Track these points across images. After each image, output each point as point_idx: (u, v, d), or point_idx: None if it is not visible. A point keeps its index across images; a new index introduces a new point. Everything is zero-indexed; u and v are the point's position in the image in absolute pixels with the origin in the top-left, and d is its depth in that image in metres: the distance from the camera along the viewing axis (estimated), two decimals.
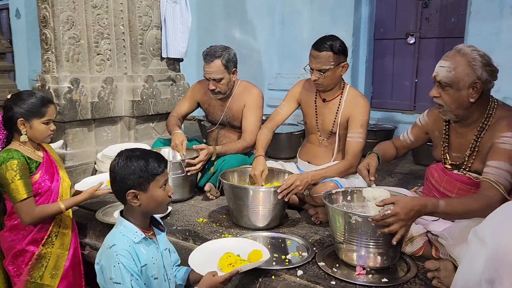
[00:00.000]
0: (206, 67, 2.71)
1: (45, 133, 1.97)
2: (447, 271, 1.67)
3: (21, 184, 1.87)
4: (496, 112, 1.80)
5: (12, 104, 1.91)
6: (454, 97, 1.76)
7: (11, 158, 1.87)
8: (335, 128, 2.50)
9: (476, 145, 1.83)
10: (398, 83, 5.06)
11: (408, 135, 2.24)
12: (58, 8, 2.75)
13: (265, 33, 5.60)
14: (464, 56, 1.73)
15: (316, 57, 2.37)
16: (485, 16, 4.04)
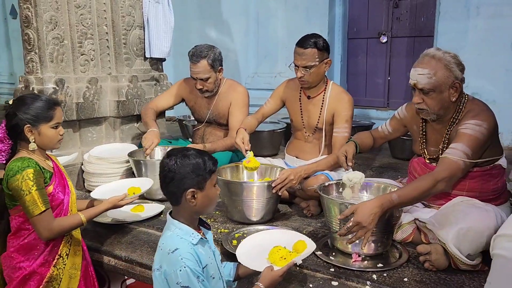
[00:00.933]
0: (193, 67, 2.75)
1: (54, 138, 1.83)
2: (438, 254, 1.79)
3: (38, 195, 1.71)
4: (466, 106, 1.94)
5: (16, 110, 1.76)
6: (437, 100, 1.88)
7: (27, 167, 1.71)
8: (320, 124, 2.59)
9: (446, 138, 1.97)
10: (372, 81, 5.23)
11: (386, 126, 2.35)
12: (41, 8, 2.72)
13: (241, 33, 5.66)
14: (440, 60, 1.85)
15: (301, 54, 2.44)
16: (453, 15, 4.24)
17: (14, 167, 1.72)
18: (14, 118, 1.75)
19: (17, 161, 1.74)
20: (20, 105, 1.77)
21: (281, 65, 5.41)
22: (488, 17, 4.09)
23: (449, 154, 1.82)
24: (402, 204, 1.78)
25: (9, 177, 1.71)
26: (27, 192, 1.69)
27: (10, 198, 1.78)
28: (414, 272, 1.79)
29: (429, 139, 2.09)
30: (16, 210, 1.80)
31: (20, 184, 1.69)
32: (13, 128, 1.77)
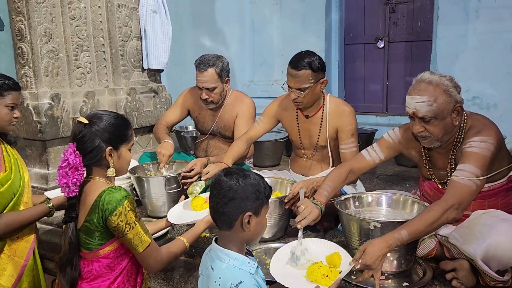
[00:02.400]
0: (200, 75, 2.65)
1: (129, 162, 1.64)
2: (464, 270, 1.71)
3: (141, 226, 1.50)
4: (467, 123, 1.84)
5: (95, 129, 1.49)
6: (440, 127, 1.78)
7: (124, 197, 1.47)
8: (321, 142, 2.46)
9: (453, 159, 1.87)
10: (370, 86, 5.19)
11: (377, 153, 2.12)
12: (35, 20, 2.60)
13: (236, 41, 5.58)
14: (438, 85, 1.73)
15: (295, 76, 2.25)
16: (451, 19, 4.22)
17: (111, 199, 1.45)
18: (94, 138, 1.49)
19: (112, 191, 1.47)
20: (98, 122, 1.51)
21: (278, 72, 5.34)
22: (488, 21, 4.06)
23: (456, 177, 1.71)
24: (412, 240, 1.67)
25: (109, 212, 1.44)
26: (133, 225, 1.47)
27: (92, 237, 1.50)
28: None
29: (435, 164, 1.98)
30: (102, 251, 1.52)
31: (124, 218, 1.45)
32: (93, 150, 1.50)
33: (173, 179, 2.48)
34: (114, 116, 1.57)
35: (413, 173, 3.45)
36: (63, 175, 1.44)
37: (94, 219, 1.47)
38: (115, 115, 1.57)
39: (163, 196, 2.49)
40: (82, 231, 1.51)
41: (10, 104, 1.78)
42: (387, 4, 4.88)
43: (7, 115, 1.78)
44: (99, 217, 1.46)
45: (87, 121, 1.50)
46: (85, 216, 1.49)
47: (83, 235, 1.51)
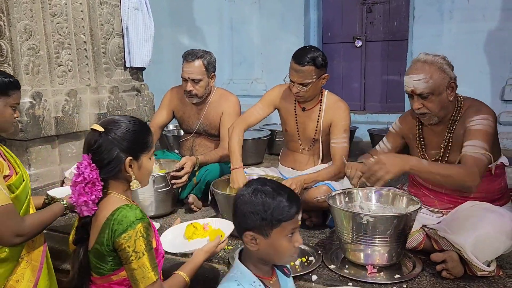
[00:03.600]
0: (186, 66, 2.63)
1: (150, 173, 1.47)
2: (454, 261, 1.77)
3: (149, 260, 1.29)
4: (464, 104, 1.97)
5: (112, 137, 1.31)
6: (437, 102, 1.90)
7: (139, 220, 1.28)
8: (317, 135, 2.52)
9: (450, 136, 1.98)
10: (348, 85, 5.27)
11: (385, 144, 2.28)
12: (15, 16, 2.53)
13: (215, 40, 5.56)
14: (432, 63, 1.86)
15: (298, 71, 2.30)
16: (427, 20, 4.34)
17: (123, 219, 1.27)
18: (112, 148, 1.31)
19: (124, 210, 1.29)
20: (115, 130, 1.33)
21: (257, 71, 5.36)
22: (461, 21, 4.21)
23: (470, 151, 1.80)
24: (427, 172, 1.74)
25: (118, 233, 1.26)
26: (140, 255, 1.27)
27: (104, 261, 1.32)
28: (432, 281, 1.76)
29: (428, 143, 2.08)
30: (115, 277, 1.35)
31: (133, 244, 1.26)
32: (110, 163, 1.32)
33: (162, 178, 2.46)
34: (132, 121, 1.38)
35: None
36: (80, 192, 1.28)
37: (104, 240, 1.29)
38: (134, 120, 1.39)
39: (151, 196, 2.47)
40: (93, 253, 1.33)
41: (14, 104, 1.70)
42: (364, 4, 4.98)
43: (11, 115, 1.70)
44: (108, 238, 1.28)
45: (102, 129, 1.31)
46: (95, 237, 1.32)
47: (94, 258, 1.33)
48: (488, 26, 4.11)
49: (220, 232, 1.76)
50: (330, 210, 2.00)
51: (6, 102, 1.66)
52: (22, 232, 1.52)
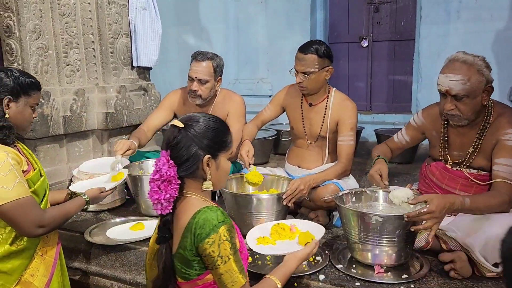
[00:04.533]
0: (196, 65, 2.63)
1: (228, 174, 1.43)
2: (462, 261, 1.77)
3: (236, 262, 1.26)
4: (494, 110, 1.93)
5: (191, 134, 1.28)
6: (471, 105, 1.85)
7: (222, 222, 1.25)
8: (323, 132, 2.53)
9: (479, 143, 1.94)
10: (354, 84, 5.26)
11: (403, 136, 2.31)
12: (24, 16, 2.54)
13: (220, 39, 5.57)
14: (472, 65, 1.81)
15: (301, 59, 2.38)
16: (434, 20, 4.33)
17: (205, 222, 1.24)
18: (190, 146, 1.28)
19: (205, 213, 1.26)
20: (195, 127, 1.30)
21: (263, 71, 5.36)
22: (468, 21, 4.19)
23: (503, 172, 1.81)
24: (468, 211, 1.76)
25: (201, 238, 1.23)
26: (226, 259, 1.23)
27: (189, 265, 1.29)
28: (440, 281, 1.76)
29: (453, 143, 2.06)
30: (201, 281, 1.31)
31: (218, 248, 1.22)
32: (188, 160, 1.29)
33: None
34: (212, 119, 1.35)
35: (399, 169, 3.54)
36: (154, 190, 1.26)
37: (188, 244, 1.26)
38: (214, 118, 1.37)
39: None
40: (177, 258, 1.30)
41: (34, 104, 1.73)
42: (370, 3, 4.97)
43: (31, 115, 1.73)
44: (192, 243, 1.25)
45: (182, 125, 1.29)
46: (178, 241, 1.29)
47: (178, 263, 1.30)
48: (496, 26, 4.09)
49: (309, 235, 1.70)
50: (337, 209, 2.00)
51: (27, 102, 1.69)
52: (43, 223, 1.56)
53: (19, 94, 1.65)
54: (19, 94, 1.65)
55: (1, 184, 1.46)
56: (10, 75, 1.64)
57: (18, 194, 1.49)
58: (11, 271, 1.57)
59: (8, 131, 1.60)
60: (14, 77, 1.64)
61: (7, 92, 1.62)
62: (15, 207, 1.48)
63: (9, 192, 1.47)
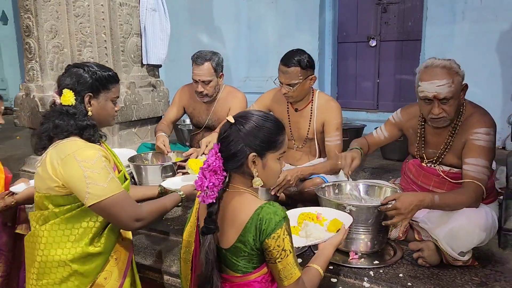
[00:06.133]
0: (196, 69, 2.83)
1: (277, 173, 1.41)
2: (430, 250, 1.90)
3: (293, 255, 1.30)
4: (466, 109, 2.03)
5: (239, 130, 1.31)
6: (455, 106, 1.95)
7: (284, 218, 1.28)
8: (310, 134, 2.64)
9: (451, 140, 2.05)
10: (362, 83, 5.36)
11: (382, 131, 2.40)
12: (42, 17, 2.78)
13: (232, 38, 5.75)
14: (450, 68, 1.91)
15: (285, 72, 2.45)
16: (439, 20, 4.39)
17: (271, 219, 1.26)
18: (238, 141, 1.30)
19: (268, 208, 1.28)
20: (244, 123, 1.32)
21: (272, 69, 5.46)
22: (473, 22, 4.24)
23: (472, 171, 1.90)
24: (438, 207, 1.87)
25: (267, 233, 1.26)
26: (287, 253, 1.28)
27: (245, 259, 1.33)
28: (408, 268, 1.90)
29: (428, 142, 2.16)
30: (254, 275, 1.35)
31: (282, 242, 1.26)
32: (235, 155, 1.31)
33: (169, 167, 2.67)
34: (264, 118, 1.35)
35: (397, 166, 3.63)
36: (200, 177, 1.31)
37: (250, 239, 1.28)
38: (266, 117, 1.36)
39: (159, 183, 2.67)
40: (232, 252, 1.33)
41: (114, 97, 1.67)
42: (379, 4, 5.05)
43: (113, 109, 1.68)
44: (256, 238, 1.28)
45: (233, 120, 1.33)
46: (237, 236, 1.31)
47: (233, 257, 1.33)
48: (500, 27, 4.13)
49: (338, 222, 1.69)
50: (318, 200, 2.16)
51: (107, 96, 1.64)
52: (140, 216, 1.55)
53: (99, 90, 1.60)
54: (99, 89, 1.60)
55: (96, 181, 1.44)
56: (88, 71, 1.59)
57: (113, 190, 1.47)
58: (87, 272, 1.54)
59: (93, 130, 1.58)
60: (92, 72, 1.59)
61: (87, 90, 1.57)
62: (112, 203, 1.47)
63: (104, 189, 1.45)
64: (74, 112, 1.54)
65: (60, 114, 1.54)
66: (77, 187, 1.45)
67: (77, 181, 1.44)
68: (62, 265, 1.51)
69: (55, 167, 1.46)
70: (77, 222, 1.53)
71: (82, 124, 1.54)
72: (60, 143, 1.52)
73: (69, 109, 1.54)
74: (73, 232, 1.52)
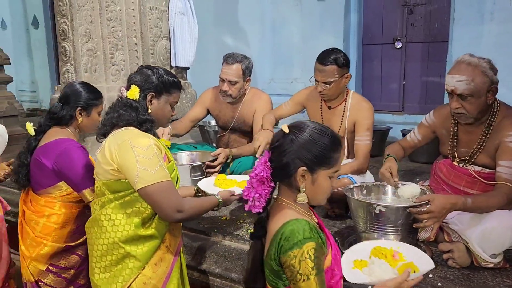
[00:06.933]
0: (226, 68, 2.89)
1: (326, 192, 1.33)
2: (460, 251, 1.90)
3: (317, 283, 1.20)
4: (500, 111, 2.02)
5: (292, 141, 1.26)
6: (476, 104, 1.95)
7: (308, 239, 1.21)
8: (341, 133, 2.66)
9: (484, 140, 2.04)
10: (387, 85, 5.33)
11: (415, 135, 2.40)
12: (77, 22, 2.88)
13: (257, 40, 5.80)
14: (476, 67, 1.92)
15: (322, 70, 2.50)
16: (467, 21, 4.34)
17: (291, 236, 1.21)
18: (289, 153, 1.26)
19: (292, 224, 1.23)
20: (298, 134, 1.27)
21: (297, 71, 5.54)
22: (502, 22, 4.17)
23: (506, 173, 1.89)
24: (470, 210, 1.86)
25: (283, 250, 1.22)
26: (305, 278, 1.20)
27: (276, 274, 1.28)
28: (438, 269, 1.89)
29: (461, 141, 2.16)
30: None
31: (298, 264, 1.20)
32: (285, 167, 1.27)
33: (198, 167, 2.72)
34: (320, 131, 1.28)
35: (424, 169, 3.61)
36: (248, 186, 1.31)
37: (272, 253, 1.25)
38: (322, 131, 1.29)
39: (188, 183, 2.73)
40: (266, 264, 1.30)
41: (173, 102, 1.81)
42: (405, 5, 5.03)
43: (170, 112, 1.81)
44: (275, 253, 1.24)
45: (287, 130, 1.28)
46: (267, 249, 1.29)
47: (267, 269, 1.30)
48: None
49: (413, 267, 1.42)
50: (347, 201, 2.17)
51: (167, 99, 1.77)
52: (182, 208, 1.58)
53: (161, 92, 1.74)
54: (162, 91, 1.74)
55: (146, 167, 1.52)
56: (156, 73, 1.74)
57: (160, 177, 1.53)
58: (140, 256, 1.59)
59: (151, 124, 1.69)
60: (159, 75, 1.74)
61: (151, 89, 1.71)
62: (158, 190, 1.53)
63: (152, 175, 1.52)
64: (136, 106, 1.66)
65: (125, 106, 1.67)
66: (128, 171, 1.54)
67: (129, 165, 1.53)
68: (117, 247, 1.59)
69: (111, 152, 1.56)
70: (129, 207, 1.60)
71: (142, 118, 1.66)
72: (118, 131, 1.63)
73: (132, 103, 1.67)
74: (126, 215, 1.60)
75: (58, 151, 1.96)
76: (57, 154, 1.96)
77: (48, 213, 1.99)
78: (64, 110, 2.07)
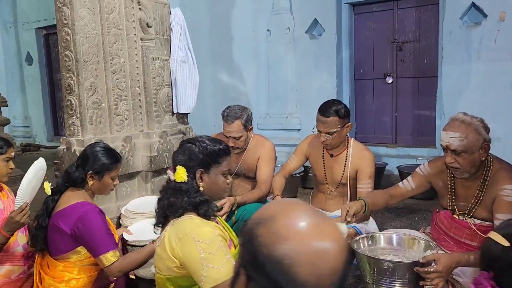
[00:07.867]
0: (227, 127, 2.97)
1: None
2: None
3: None
4: (493, 165, 2.13)
5: None
6: (469, 160, 2.05)
7: None
8: (343, 180, 2.77)
9: (481, 195, 2.14)
10: (379, 119, 5.48)
11: (409, 182, 2.44)
12: (83, 76, 2.96)
13: (252, 77, 5.93)
14: (469, 125, 2.03)
15: (324, 122, 2.62)
16: (455, 60, 4.52)
17: None
18: None
19: None
20: None
21: (292, 106, 5.67)
22: (489, 61, 4.36)
23: None
24: (472, 265, 1.94)
25: None
26: None
27: None
28: None
29: (459, 194, 2.24)
30: None
31: None
32: None
33: None
34: None
35: (421, 205, 3.72)
36: None
37: None
38: None
39: None
40: None
41: (225, 171, 1.69)
42: (394, 42, 5.22)
43: (224, 182, 1.69)
44: None
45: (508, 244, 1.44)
46: None
47: None
48: None
49: None
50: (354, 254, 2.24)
51: (218, 170, 1.64)
52: None
53: (209, 165, 1.61)
54: (210, 164, 1.61)
55: (212, 264, 1.42)
56: (199, 146, 1.62)
57: (227, 274, 1.41)
58: None
59: (207, 205, 1.58)
60: (203, 147, 1.61)
61: (198, 166, 1.59)
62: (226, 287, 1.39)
63: (220, 272, 1.42)
64: (186, 189, 1.56)
65: (174, 191, 1.58)
66: (193, 269, 1.46)
67: (194, 263, 1.45)
68: None
69: (173, 247, 1.48)
70: None
71: (195, 201, 1.56)
72: (177, 221, 1.54)
73: (182, 186, 1.57)
74: None
75: (77, 216, 1.94)
76: (76, 219, 1.94)
77: (67, 278, 2.00)
78: (77, 172, 2.10)
